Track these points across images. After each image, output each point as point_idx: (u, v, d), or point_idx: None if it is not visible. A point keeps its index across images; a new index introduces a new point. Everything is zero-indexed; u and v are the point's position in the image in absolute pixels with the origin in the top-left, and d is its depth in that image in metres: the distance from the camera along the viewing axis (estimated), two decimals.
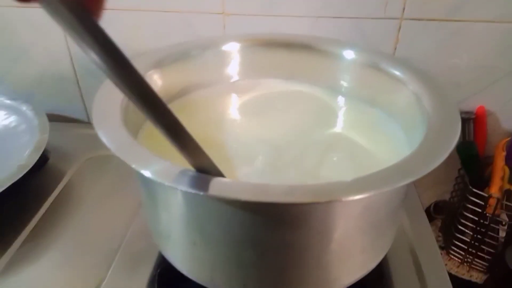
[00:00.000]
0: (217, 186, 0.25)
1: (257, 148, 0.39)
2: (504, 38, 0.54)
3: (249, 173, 0.36)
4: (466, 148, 0.54)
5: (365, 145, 0.39)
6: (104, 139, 0.29)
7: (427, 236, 0.50)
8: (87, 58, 0.19)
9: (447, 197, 0.69)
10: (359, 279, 0.34)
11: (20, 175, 0.47)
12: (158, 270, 0.41)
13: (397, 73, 0.39)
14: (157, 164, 0.27)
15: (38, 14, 0.61)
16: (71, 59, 0.65)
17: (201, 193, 0.25)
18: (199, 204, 0.28)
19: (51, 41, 0.63)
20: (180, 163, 0.26)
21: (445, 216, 0.68)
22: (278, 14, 0.56)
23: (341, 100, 0.45)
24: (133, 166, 0.27)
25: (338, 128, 0.42)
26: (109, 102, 0.34)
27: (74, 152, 0.62)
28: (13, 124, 0.60)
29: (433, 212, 0.72)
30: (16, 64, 0.66)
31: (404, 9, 0.54)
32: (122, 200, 0.53)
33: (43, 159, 0.58)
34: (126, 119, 0.33)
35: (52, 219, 0.51)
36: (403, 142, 0.38)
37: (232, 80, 0.48)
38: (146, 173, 0.26)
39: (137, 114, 0.38)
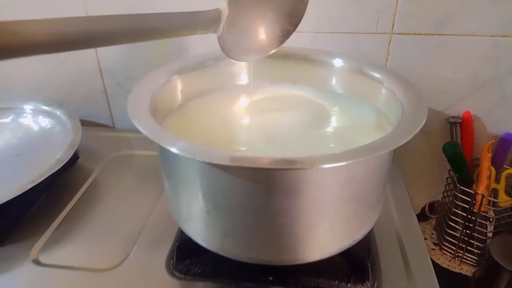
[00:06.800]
0: (226, 158, 0.32)
1: (261, 139, 0.46)
2: (484, 50, 0.61)
3: None
4: (450, 147, 0.60)
5: (356, 137, 0.46)
6: (138, 126, 0.36)
7: (413, 226, 0.54)
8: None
9: (440, 197, 0.75)
10: (345, 248, 0.41)
11: (58, 167, 0.55)
12: (177, 243, 0.47)
13: (376, 75, 0.46)
14: (180, 143, 0.34)
15: None
16: (100, 70, 0.73)
17: (214, 162, 0.31)
18: (213, 176, 0.35)
19: (83, 54, 0.72)
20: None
21: (438, 215, 0.73)
22: None
23: (333, 100, 0.52)
24: (162, 144, 0.34)
25: (333, 124, 0.48)
26: (139, 100, 0.42)
27: (101, 152, 0.70)
28: (49, 126, 0.68)
29: (428, 212, 0.78)
30: (51, 75, 0.75)
31: (393, 24, 0.61)
32: (144, 193, 0.60)
33: (74, 157, 0.66)
34: (154, 113, 0.41)
35: (83, 207, 0.58)
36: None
37: (242, 86, 0.56)
38: (173, 150, 0.33)
39: (162, 108, 0.46)
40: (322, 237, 0.38)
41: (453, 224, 0.67)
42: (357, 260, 0.45)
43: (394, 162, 0.67)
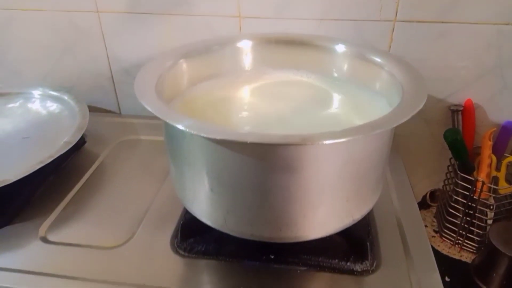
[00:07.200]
0: (229, 134, 0.33)
1: (264, 123, 0.47)
2: (487, 38, 0.61)
3: None
4: (451, 133, 0.61)
5: (357, 120, 0.47)
6: (146, 105, 0.37)
7: (412, 211, 0.55)
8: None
9: (441, 186, 0.75)
10: (345, 227, 0.42)
11: (66, 149, 0.56)
12: (181, 223, 0.49)
13: (377, 59, 0.47)
14: (186, 120, 0.35)
15: (80, 16, 0.71)
16: (108, 58, 0.74)
17: (218, 137, 0.33)
18: (217, 153, 0.36)
19: (91, 41, 0.73)
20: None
21: (439, 203, 0.74)
22: (286, 17, 0.64)
23: (335, 85, 0.53)
24: (168, 121, 0.35)
25: (333, 108, 0.49)
26: (147, 82, 0.43)
27: (107, 137, 0.71)
28: (57, 110, 0.69)
29: (429, 200, 0.78)
30: (60, 61, 0.76)
31: (397, 12, 0.61)
32: (149, 176, 0.62)
33: (81, 141, 0.67)
34: (160, 95, 0.41)
35: (90, 189, 0.59)
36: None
37: (245, 71, 0.57)
38: (179, 126, 0.34)
39: (168, 91, 0.47)
40: (322, 215, 0.39)
41: (453, 211, 0.67)
42: (357, 240, 0.46)
43: (396, 150, 0.67)
